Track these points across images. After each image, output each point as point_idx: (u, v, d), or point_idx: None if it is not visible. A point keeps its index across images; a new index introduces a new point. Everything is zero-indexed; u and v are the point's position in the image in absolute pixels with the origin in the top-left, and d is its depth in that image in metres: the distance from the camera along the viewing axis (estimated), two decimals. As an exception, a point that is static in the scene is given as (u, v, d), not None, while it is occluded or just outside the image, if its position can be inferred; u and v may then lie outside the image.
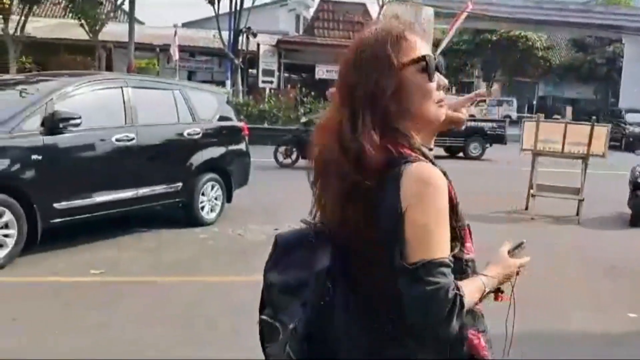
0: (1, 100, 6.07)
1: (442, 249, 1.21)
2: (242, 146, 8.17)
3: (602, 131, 8.71)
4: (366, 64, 1.29)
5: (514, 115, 34.89)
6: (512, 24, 30.53)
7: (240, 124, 8.38)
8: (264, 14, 30.34)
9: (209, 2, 20.78)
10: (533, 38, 37.55)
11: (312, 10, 38.97)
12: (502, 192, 10.53)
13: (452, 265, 1.21)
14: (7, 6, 18.42)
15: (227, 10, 21.51)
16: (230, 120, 8.17)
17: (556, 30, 34.18)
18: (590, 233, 8.21)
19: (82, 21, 18.60)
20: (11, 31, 18.75)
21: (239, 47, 21.63)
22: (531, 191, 8.91)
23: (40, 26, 22.86)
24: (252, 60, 23.18)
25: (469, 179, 12.90)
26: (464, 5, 22.68)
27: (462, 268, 1.31)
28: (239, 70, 21.26)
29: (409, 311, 1.18)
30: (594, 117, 9.73)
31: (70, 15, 19.08)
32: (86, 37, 20.04)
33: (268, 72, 22.81)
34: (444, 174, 1.29)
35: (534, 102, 37.00)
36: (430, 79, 1.31)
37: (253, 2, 21.11)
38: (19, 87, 6.37)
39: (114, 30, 21.02)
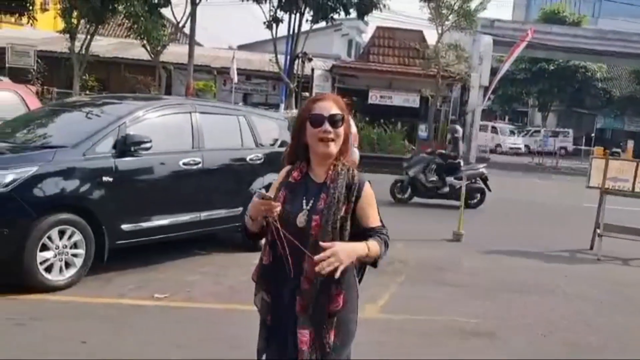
0: (74, 123, 6.25)
1: None
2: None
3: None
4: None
5: (570, 147, 34.00)
6: (571, 53, 29.90)
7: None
8: (318, 38, 30.64)
9: (267, 26, 21.09)
10: (592, 68, 36.69)
11: (365, 36, 39.27)
12: (564, 230, 10.20)
13: None
14: (74, 26, 19.14)
15: (283, 34, 21.80)
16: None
17: (617, 62, 33.27)
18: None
19: (145, 42, 19.12)
20: (77, 50, 19.46)
21: (294, 71, 21.85)
22: (598, 230, 8.57)
23: (104, 45, 23.68)
24: (305, 83, 23.37)
25: (527, 214, 12.61)
26: (523, 33, 22.37)
27: None
28: (294, 93, 21.46)
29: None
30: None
31: (133, 35, 19.64)
32: (147, 57, 20.61)
33: (321, 96, 22.87)
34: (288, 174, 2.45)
35: (592, 135, 36.00)
36: (312, 125, 2.35)
37: (311, 27, 21.29)
38: (91, 110, 6.52)
39: (174, 52, 21.58)
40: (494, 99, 38.17)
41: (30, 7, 19.31)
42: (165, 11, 19.88)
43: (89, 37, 19.60)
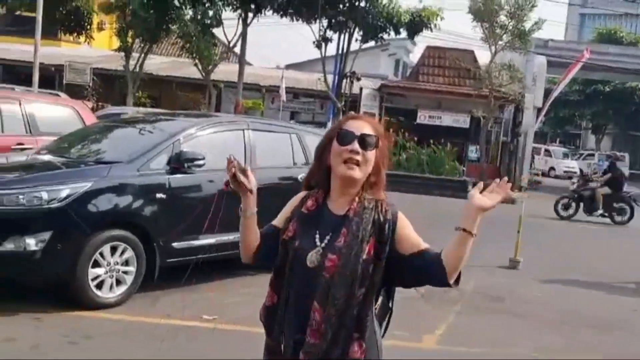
0: (128, 138, 6.25)
1: None
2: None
3: None
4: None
5: (627, 171, 32.79)
6: (628, 75, 28.93)
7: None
8: (365, 58, 30.60)
9: (316, 46, 21.15)
10: (650, 90, 35.43)
11: (412, 56, 39.04)
12: (631, 258, 9.67)
13: None
14: (129, 45, 19.65)
15: (331, 53, 21.84)
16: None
17: (677, 84, 32.02)
18: None
19: (197, 61, 19.46)
20: (131, 67, 19.96)
21: (342, 90, 21.80)
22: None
23: (157, 63, 24.21)
24: (353, 103, 23.29)
25: (588, 240, 12.06)
26: (578, 54, 21.75)
27: None
28: (341, 113, 21.38)
29: None
30: None
31: (186, 54, 20.03)
32: (198, 76, 20.93)
33: (369, 116, 22.76)
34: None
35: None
36: (339, 143, 2.00)
37: (360, 47, 21.24)
38: (145, 126, 6.52)
39: (224, 70, 21.86)
40: (545, 121, 37.23)
41: (88, 27, 19.95)
42: (217, 31, 20.25)
43: (143, 55, 20.09)
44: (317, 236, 1.97)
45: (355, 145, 1.95)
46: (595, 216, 14.57)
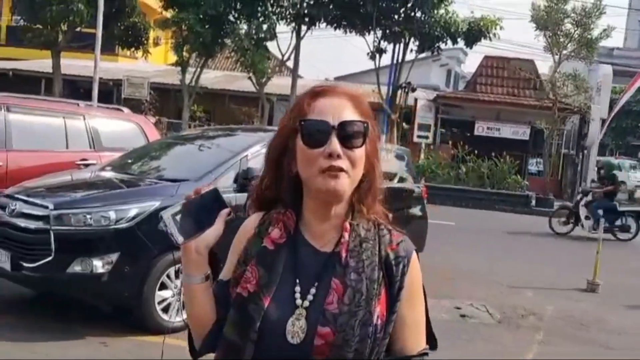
0: (194, 156, 6.08)
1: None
2: (420, 210, 7.61)
3: None
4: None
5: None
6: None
7: (420, 187, 7.85)
8: (416, 68, 30.18)
9: (370, 57, 20.88)
10: None
11: (464, 66, 38.29)
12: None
13: None
14: (185, 59, 19.88)
15: (383, 64, 21.51)
16: (410, 181, 7.67)
17: None
18: None
19: (251, 74, 19.51)
20: (187, 81, 20.18)
21: (396, 101, 21.45)
22: None
23: (211, 77, 24.43)
24: (407, 114, 22.88)
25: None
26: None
27: None
28: (395, 124, 21.00)
29: None
30: None
31: (241, 68, 20.12)
32: (251, 89, 20.98)
33: (424, 127, 22.34)
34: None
35: None
36: (307, 145, 1.25)
37: (416, 57, 20.84)
38: (210, 143, 6.35)
39: (276, 84, 21.85)
40: (606, 132, 35.73)
41: (145, 42, 20.30)
42: (271, 45, 20.32)
43: (198, 69, 20.29)
44: (297, 288, 1.26)
45: (335, 146, 1.23)
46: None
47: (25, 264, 4.74)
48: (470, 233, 12.56)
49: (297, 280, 1.26)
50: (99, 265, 4.64)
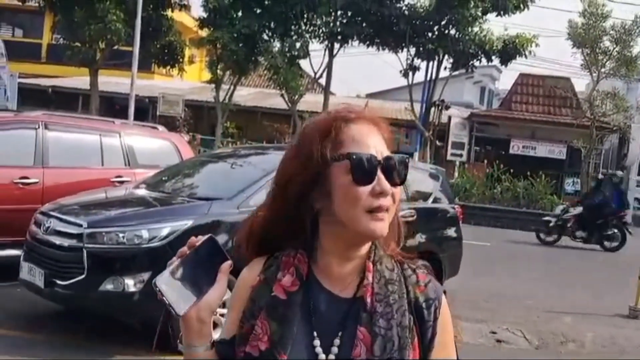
0: (226, 174, 6.07)
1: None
2: (455, 232, 7.44)
3: None
4: (289, 156, 1.20)
5: None
6: None
7: (456, 208, 7.68)
8: (449, 86, 30.08)
9: (403, 74, 20.80)
10: None
11: (497, 83, 37.87)
12: None
13: None
14: (219, 77, 20.15)
15: (416, 81, 21.42)
16: (444, 202, 7.52)
17: None
18: None
19: (284, 91, 19.64)
20: (220, 99, 20.42)
21: (429, 119, 21.30)
22: None
23: (244, 95, 24.68)
24: (440, 131, 22.69)
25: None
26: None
27: None
28: (429, 142, 20.82)
29: None
30: None
31: (273, 85, 20.30)
32: (283, 106, 21.11)
33: (458, 145, 22.10)
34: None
35: None
36: (356, 182, 1.11)
37: (450, 74, 20.69)
38: (242, 161, 6.34)
39: (308, 101, 21.94)
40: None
41: (180, 60, 20.64)
42: (303, 62, 20.44)
43: (232, 87, 20.53)
44: (317, 341, 1.13)
45: (385, 184, 1.13)
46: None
47: (58, 282, 4.76)
48: (505, 254, 12.28)
49: (315, 333, 1.13)
50: (130, 284, 4.63)
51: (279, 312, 1.13)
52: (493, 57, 19.32)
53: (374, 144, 1.15)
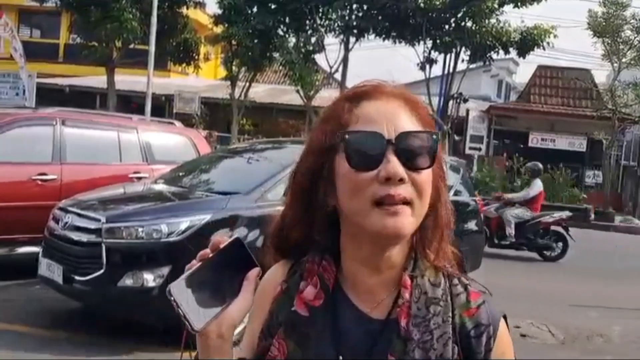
0: (243, 169, 6.01)
1: None
2: (476, 225, 7.32)
3: None
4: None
5: None
6: None
7: (476, 201, 7.56)
8: (466, 79, 29.84)
9: (420, 68, 20.62)
10: None
11: (515, 76, 37.42)
12: None
13: None
14: (235, 74, 20.15)
15: (433, 75, 21.24)
16: (465, 195, 7.40)
17: None
18: None
19: (299, 87, 19.57)
20: (236, 96, 20.42)
21: (447, 113, 21.10)
22: None
23: (259, 91, 24.66)
24: (458, 125, 22.48)
25: None
26: None
27: None
28: (447, 136, 20.62)
29: None
30: None
31: (289, 81, 20.26)
32: (298, 102, 21.05)
33: (476, 139, 21.85)
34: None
35: None
36: (354, 167, 0.91)
37: (467, 67, 20.47)
38: (258, 156, 6.28)
39: (324, 96, 21.83)
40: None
41: (196, 58, 20.69)
42: (319, 57, 20.34)
43: (247, 83, 20.51)
44: None
45: (394, 166, 0.91)
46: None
47: (76, 277, 4.73)
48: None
49: (340, 358, 0.94)
50: (149, 279, 4.59)
51: (299, 331, 0.96)
52: (511, 49, 19.08)
53: (391, 122, 0.93)
